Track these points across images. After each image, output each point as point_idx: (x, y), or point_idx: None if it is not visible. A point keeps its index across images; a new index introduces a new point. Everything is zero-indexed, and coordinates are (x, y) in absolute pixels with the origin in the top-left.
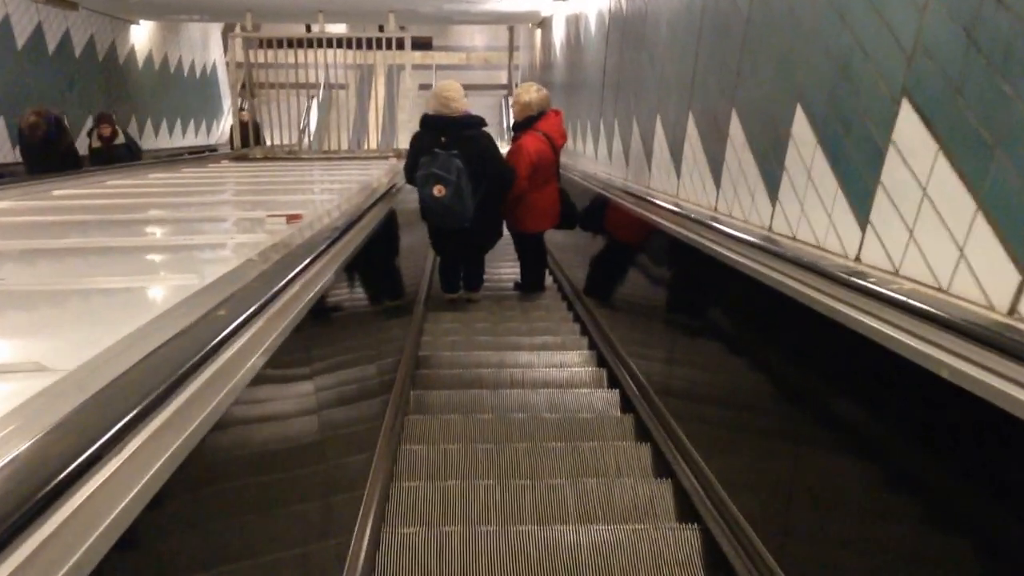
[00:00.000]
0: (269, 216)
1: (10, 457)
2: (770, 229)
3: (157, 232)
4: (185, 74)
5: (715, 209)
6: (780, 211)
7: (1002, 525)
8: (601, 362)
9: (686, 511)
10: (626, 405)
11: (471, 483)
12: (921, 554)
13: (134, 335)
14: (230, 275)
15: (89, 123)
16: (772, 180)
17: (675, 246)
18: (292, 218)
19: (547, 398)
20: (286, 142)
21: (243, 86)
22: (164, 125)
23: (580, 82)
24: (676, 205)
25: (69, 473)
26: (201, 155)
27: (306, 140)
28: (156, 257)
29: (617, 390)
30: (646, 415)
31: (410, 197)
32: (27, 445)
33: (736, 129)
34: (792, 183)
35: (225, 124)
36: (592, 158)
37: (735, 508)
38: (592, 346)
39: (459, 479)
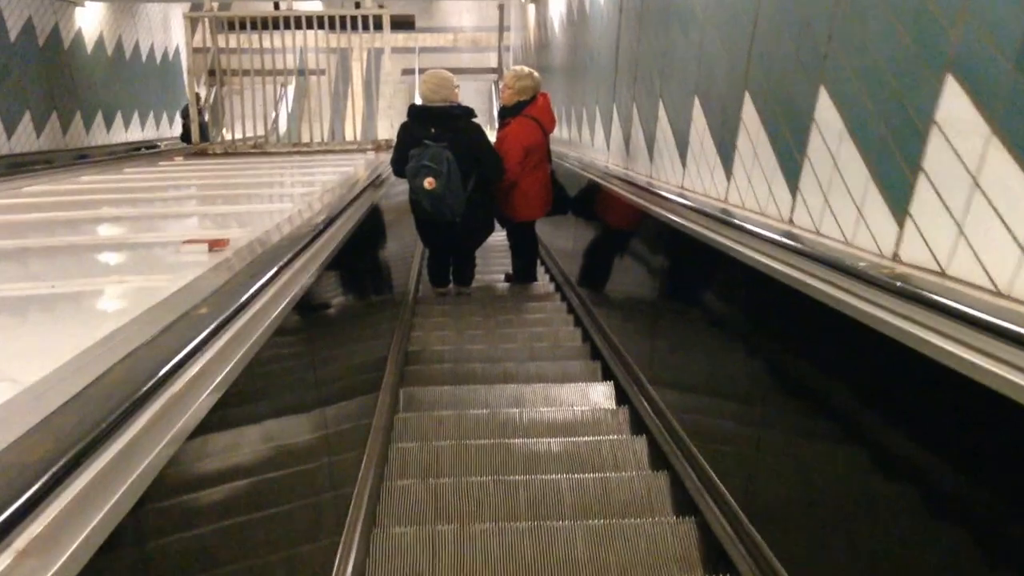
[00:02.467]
0: (186, 244)
1: None
2: (894, 257)
3: (25, 271)
4: (143, 60)
5: (790, 221)
6: (913, 231)
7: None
8: (595, 355)
9: (683, 504)
10: (621, 398)
11: (464, 480)
12: (923, 547)
13: None
14: (81, 358)
15: (27, 118)
16: (897, 187)
17: (732, 266)
18: (216, 244)
19: (541, 392)
20: (259, 133)
21: (211, 72)
22: (119, 118)
23: (584, 63)
24: (724, 211)
25: None
26: (157, 151)
27: (280, 131)
28: None
29: (612, 382)
30: (643, 410)
31: (393, 191)
32: None
33: (828, 113)
34: (938, 192)
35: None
36: (602, 150)
37: (732, 500)
38: (586, 338)
39: (451, 476)
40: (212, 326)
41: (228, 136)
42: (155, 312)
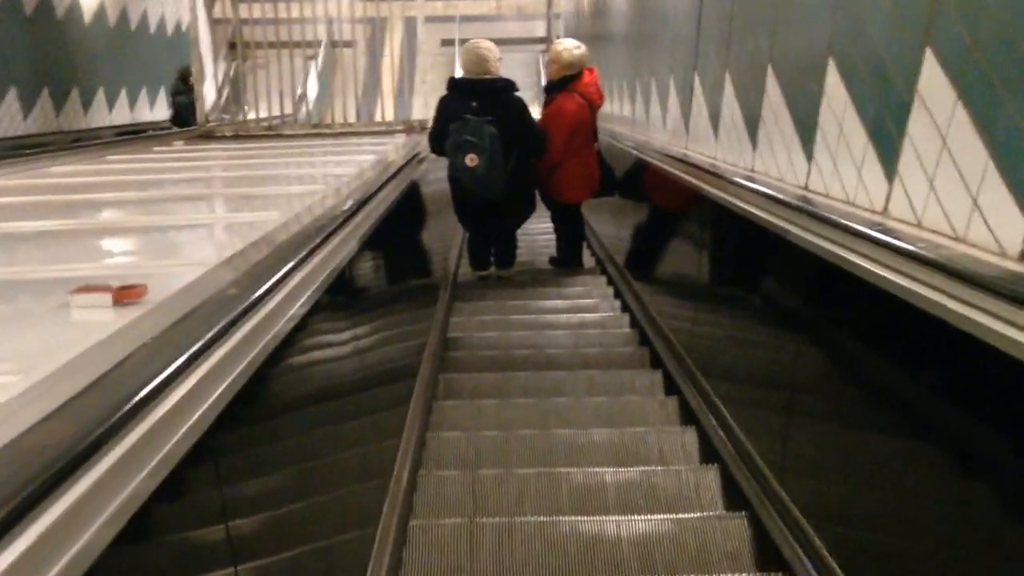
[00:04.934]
0: (79, 292)
1: None
2: None
3: None
4: (152, 32)
5: (1022, 257)
6: None
7: None
8: (643, 340)
9: (735, 500)
10: (671, 388)
11: (504, 471)
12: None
13: None
14: None
15: (11, 96)
16: None
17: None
18: (126, 294)
19: (586, 380)
20: (276, 113)
21: (231, 45)
22: (123, 96)
23: (653, 28)
24: (880, 229)
25: None
26: (167, 133)
27: (304, 111)
28: None
29: (661, 371)
30: (693, 400)
31: (431, 176)
32: None
33: None
34: None
35: (207, 91)
36: (678, 132)
37: (788, 498)
38: (633, 324)
39: (491, 467)
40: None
41: (248, 116)
42: None
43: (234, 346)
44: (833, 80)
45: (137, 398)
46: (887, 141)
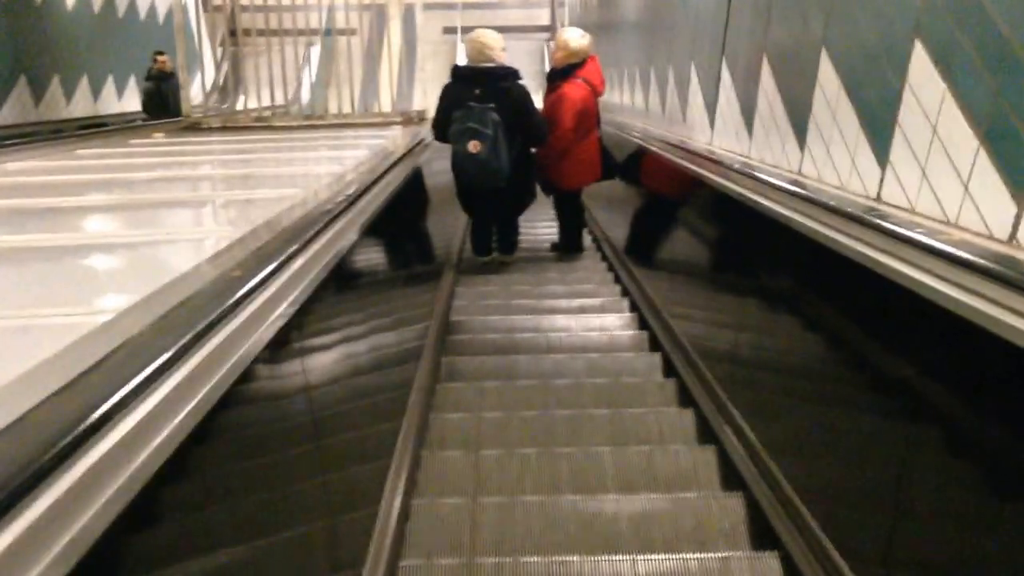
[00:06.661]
0: None
1: None
2: None
3: None
4: (141, 18)
5: None
6: None
7: None
8: (643, 325)
9: (731, 480)
10: (668, 369)
11: (506, 452)
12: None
13: None
14: None
15: None
16: None
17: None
18: None
19: (586, 363)
20: (277, 103)
21: (231, 33)
22: (110, 84)
23: (672, 10)
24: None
25: None
26: (149, 124)
27: (304, 100)
28: None
29: (659, 353)
30: (690, 382)
31: (435, 164)
32: None
33: None
34: None
35: (201, 80)
36: (699, 126)
37: (782, 477)
38: (633, 308)
39: (493, 448)
40: None
41: (238, 106)
42: None
43: (111, 449)
44: (920, 68)
45: None
46: (1012, 147)
